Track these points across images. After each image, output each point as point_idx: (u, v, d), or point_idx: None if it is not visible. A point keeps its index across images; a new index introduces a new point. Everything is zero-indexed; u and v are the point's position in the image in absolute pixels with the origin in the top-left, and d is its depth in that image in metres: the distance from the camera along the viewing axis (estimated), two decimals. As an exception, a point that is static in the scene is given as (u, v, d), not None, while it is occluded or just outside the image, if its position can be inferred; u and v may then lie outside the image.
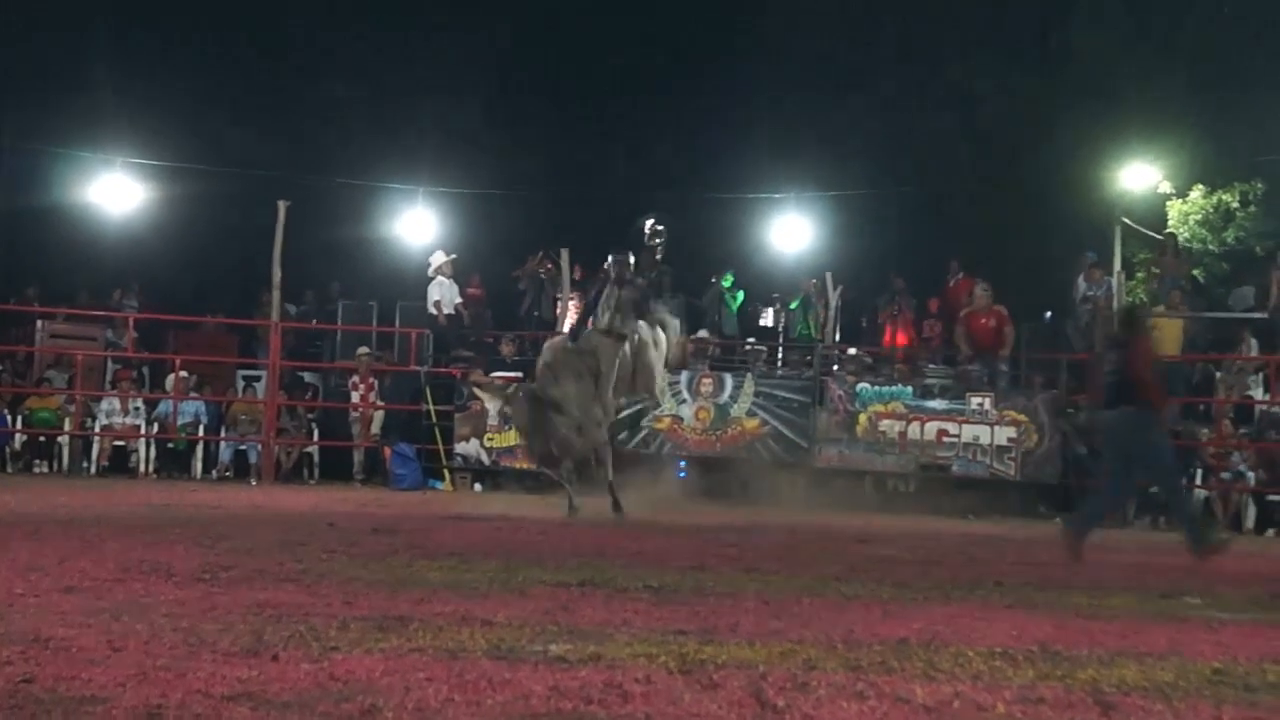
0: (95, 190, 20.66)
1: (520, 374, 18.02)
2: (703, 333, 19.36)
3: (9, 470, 17.61)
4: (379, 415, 18.70)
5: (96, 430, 18.40)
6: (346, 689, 4.37)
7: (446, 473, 17.90)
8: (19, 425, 18.24)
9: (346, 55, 23.89)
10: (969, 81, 22.77)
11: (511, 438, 17.64)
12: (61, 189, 21.03)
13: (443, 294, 19.26)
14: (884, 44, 23.38)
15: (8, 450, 18.09)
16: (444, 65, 23.40)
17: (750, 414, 17.29)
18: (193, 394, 18.72)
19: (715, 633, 5.84)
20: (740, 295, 20.85)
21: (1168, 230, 20.43)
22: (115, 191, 20.63)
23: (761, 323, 21.08)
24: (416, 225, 21.45)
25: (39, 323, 19.61)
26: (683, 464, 17.64)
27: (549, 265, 19.77)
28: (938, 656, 5.36)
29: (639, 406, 16.63)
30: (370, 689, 4.37)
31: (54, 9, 22.75)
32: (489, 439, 17.74)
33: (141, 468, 18.24)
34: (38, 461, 18.12)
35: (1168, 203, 21.01)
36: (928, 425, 16.91)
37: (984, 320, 18.03)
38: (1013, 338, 18.10)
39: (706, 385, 17.46)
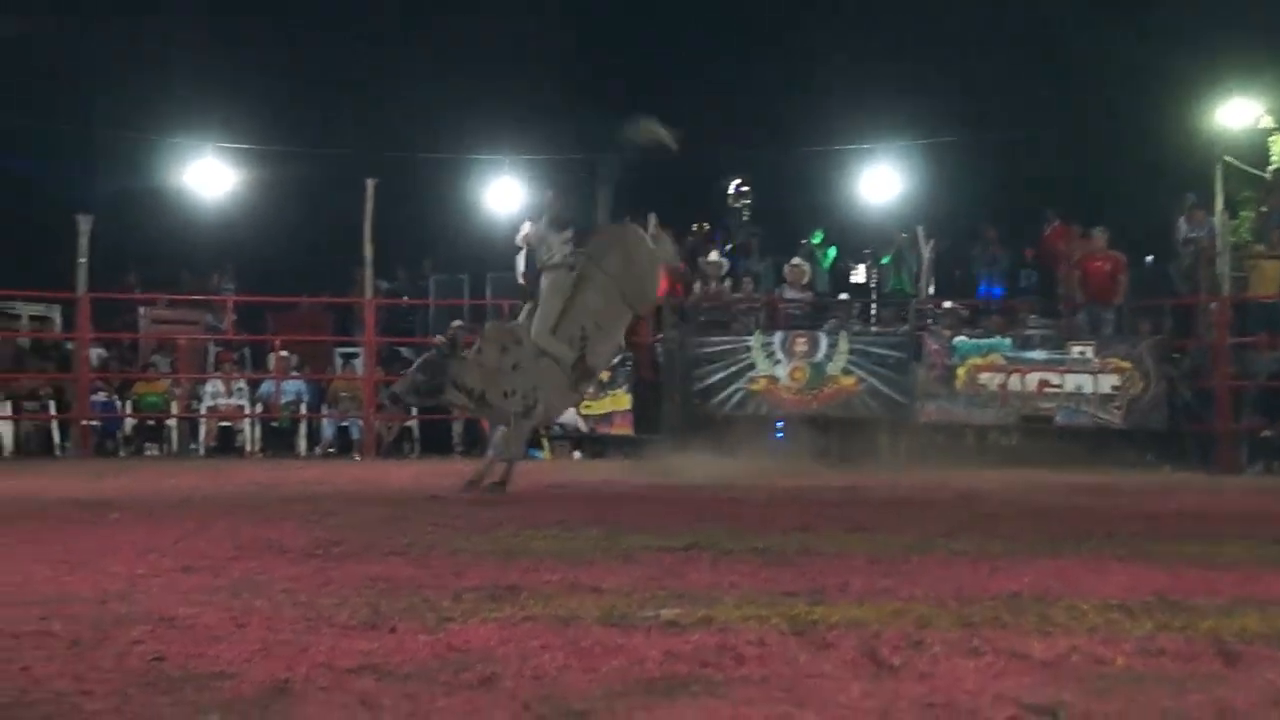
0: (189, 176, 20.99)
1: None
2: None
3: (121, 454, 17.98)
4: (476, 387, 18.78)
5: (202, 412, 18.72)
6: (465, 659, 4.43)
7: (545, 441, 18.00)
8: (128, 410, 18.60)
9: (426, 29, 23.98)
10: (1059, 19, 22.36)
11: (609, 405, 17.73)
12: (156, 176, 21.39)
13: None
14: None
15: (119, 435, 18.47)
16: (522, 31, 23.41)
17: (846, 371, 17.20)
18: (293, 373, 18.98)
19: (825, 593, 5.84)
20: (831, 251, 20.73)
21: (1273, 167, 19.99)
22: (208, 176, 20.94)
23: (853, 279, 20.94)
24: (504, 195, 21.54)
25: (141, 309, 19.98)
26: (780, 424, 17.60)
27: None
28: (1052, 610, 5.32)
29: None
30: (488, 658, 4.43)
31: (147, 5, 23.09)
32: (586, 407, 17.78)
33: (247, 447, 18.55)
34: (148, 445, 18.49)
35: (1270, 138, 20.55)
36: (1028, 376, 16.74)
37: (1099, 263, 17.81)
38: (1126, 285, 17.87)
39: (801, 344, 17.39)
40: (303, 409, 18.89)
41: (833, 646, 4.62)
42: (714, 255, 19.09)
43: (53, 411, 18.27)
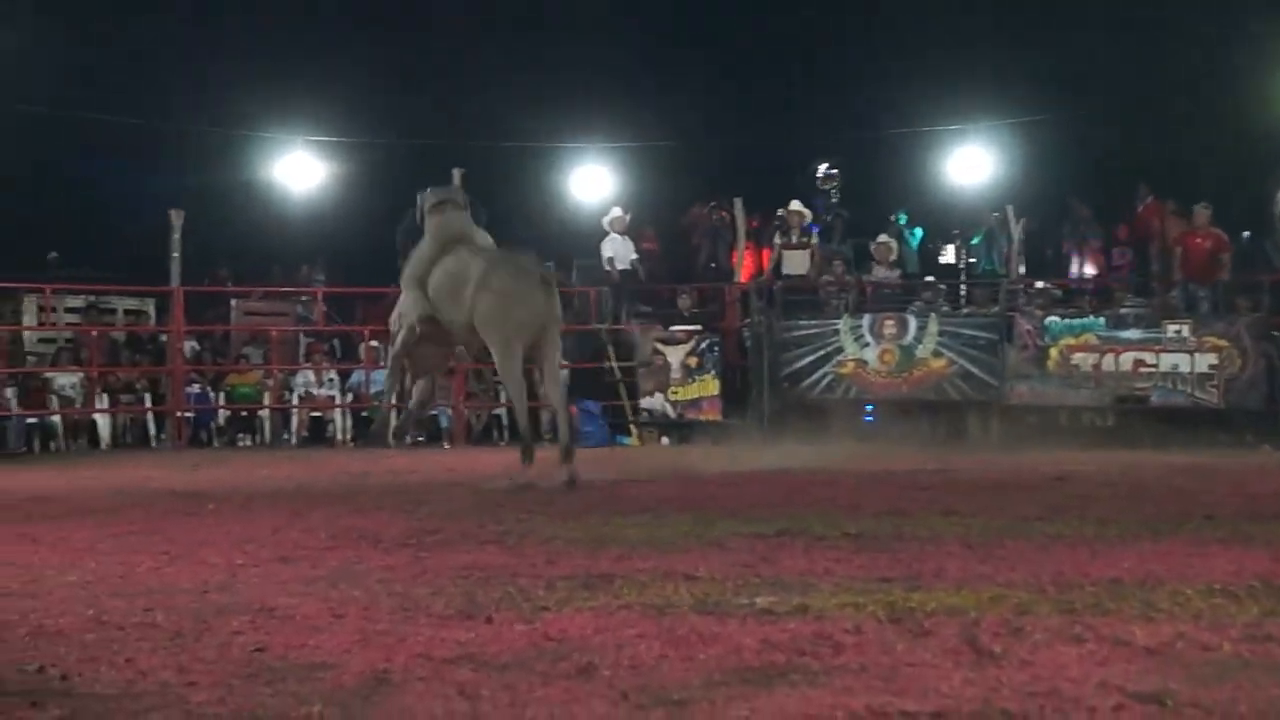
0: (279, 170, 21.22)
1: (699, 326, 18.13)
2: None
3: (215, 445, 18.20)
4: (563, 374, 18.83)
5: (294, 402, 18.90)
6: (561, 648, 4.45)
7: (633, 428, 18.02)
8: (221, 401, 18.84)
9: (508, 17, 24.05)
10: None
11: (696, 390, 17.72)
12: (247, 170, 21.65)
13: (616, 250, 19.33)
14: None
15: (212, 426, 18.70)
16: (604, 17, 23.41)
17: (936, 354, 17.05)
18: (383, 363, 19.10)
19: (920, 579, 5.81)
20: (918, 232, 20.55)
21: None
22: (298, 170, 21.15)
23: (942, 260, 20.74)
24: (589, 182, 21.57)
25: (233, 302, 20.21)
26: (869, 408, 17.50)
27: (722, 214, 19.69)
28: (1154, 595, 5.26)
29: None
30: (584, 647, 4.45)
31: (234, 3, 23.37)
32: (673, 392, 17.82)
33: (338, 436, 18.70)
34: (241, 435, 18.70)
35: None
36: (1123, 356, 16.50)
37: (1199, 241, 17.55)
38: (1228, 265, 17.59)
39: (889, 327, 17.26)
40: (392, 398, 18.99)
41: (931, 634, 4.59)
42: (884, 237, 18.93)
43: (148, 404, 18.53)
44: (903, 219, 20.07)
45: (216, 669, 4.24)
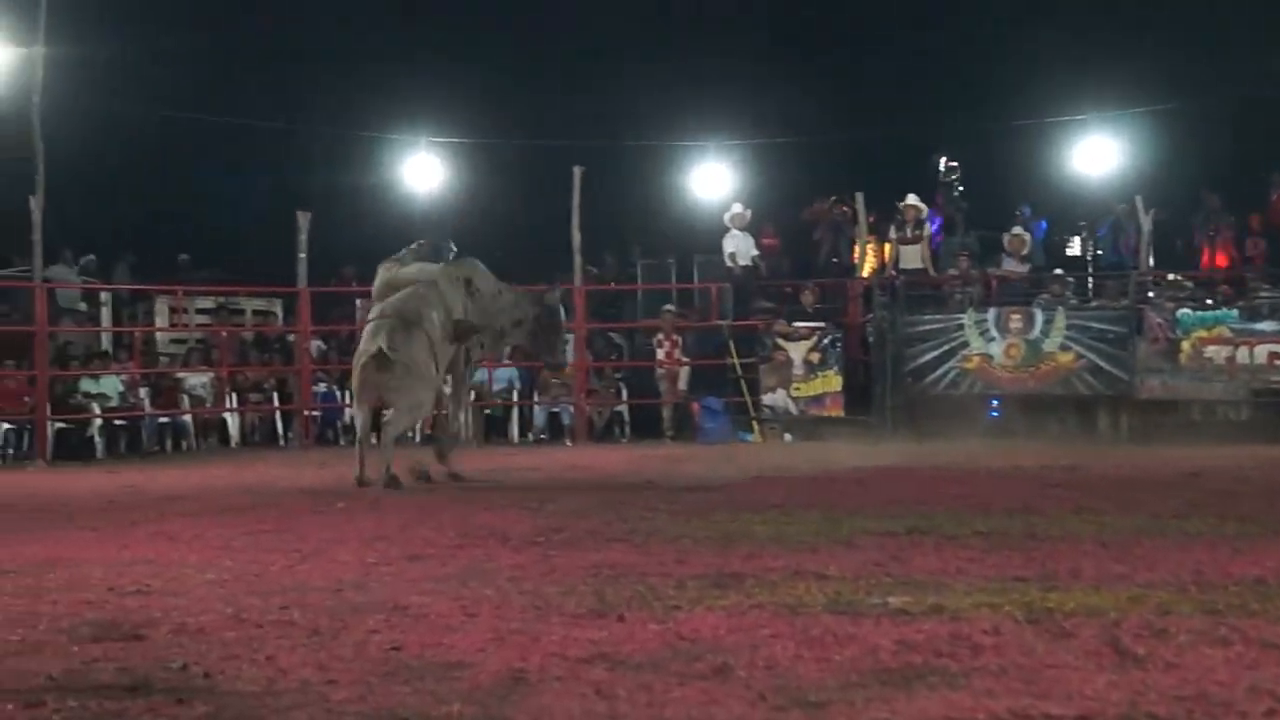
0: (404, 170, 21.47)
1: (821, 322, 18.02)
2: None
3: (341, 443, 18.40)
4: (685, 371, 18.90)
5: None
6: (695, 648, 4.43)
7: (755, 424, 17.95)
8: (348, 400, 19.05)
9: (627, 15, 24.07)
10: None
11: (819, 386, 17.62)
12: (372, 171, 21.92)
13: (737, 246, 19.29)
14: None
15: (339, 424, 18.92)
16: (723, 16, 23.37)
17: (1064, 347, 16.78)
18: (505, 361, 19.24)
19: (1056, 579, 5.72)
20: (1042, 224, 20.23)
21: None
22: (421, 170, 21.39)
23: (1069, 252, 20.43)
24: (709, 180, 21.55)
25: (358, 301, 20.42)
26: (995, 403, 17.28)
27: (844, 209, 19.57)
28: (1301, 596, 5.15)
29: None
30: (718, 647, 4.43)
31: (358, 6, 23.66)
32: (796, 388, 17.71)
33: (462, 434, 18.80)
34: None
35: None
36: (1257, 349, 16.13)
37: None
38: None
39: (1015, 321, 17.02)
40: (515, 395, 19.14)
41: (1071, 635, 4.51)
42: (1018, 229, 18.68)
43: (276, 402, 18.82)
44: (1027, 211, 19.77)
45: (355, 667, 4.28)
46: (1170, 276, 18.22)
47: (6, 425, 16.25)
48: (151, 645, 4.69)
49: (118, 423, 17.29)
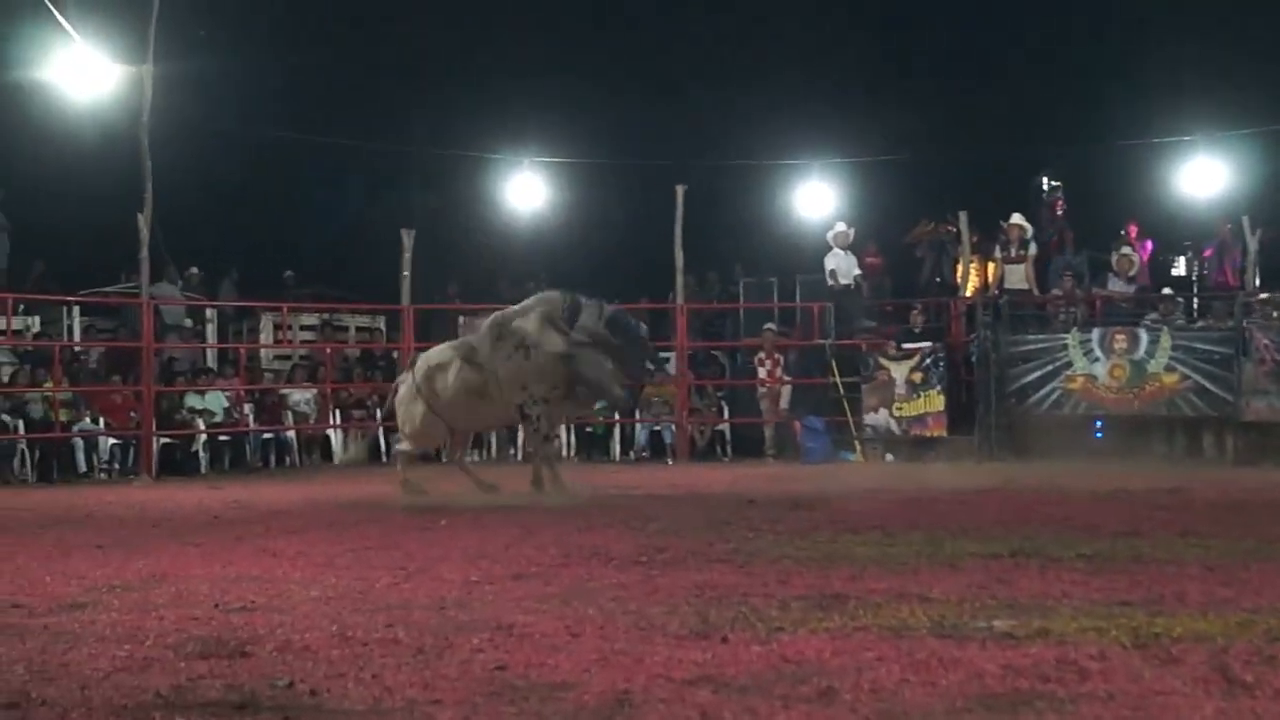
0: (507, 190, 21.67)
1: (926, 342, 17.91)
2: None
3: (443, 460, 18.49)
4: (787, 390, 18.86)
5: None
6: (799, 671, 4.42)
7: (857, 444, 17.85)
8: (450, 418, 19.19)
9: (728, 36, 24.11)
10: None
11: (922, 405, 17.51)
12: (475, 191, 22.11)
13: (839, 265, 19.22)
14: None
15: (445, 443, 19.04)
16: (826, 37, 23.31)
17: (1169, 368, 16.52)
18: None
19: (1162, 603, 5.64)
20: (1147, 245, 19.95)
21: None
22: (524, 190, 21.59)
23: (1174, 272, 20.13)
24: (813, 199, 21.51)
25: (461, 319, 20.59)
26: (1099, 424, 17.07)
27: (949, 228, 19.43)
28: None
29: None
30: (822, 670, 4.42)
31: (462, 27, 23.87)
32: (898, 408, 17.60)
33: (563, 452, 18.88)
34: (469, 450, 18.96)
35: None
36: (1370, 370, 15.81)
37: None
38: None
39: (1120, 341, 16.80)
40: (616, 414, 19.18)
41: (1179, 661, 4.45)
42: (1126, 249, 18.44)
43: (378, 419, 18.99)
44: (1132, 232, 19.50)
45: (460, 687, 4.31)
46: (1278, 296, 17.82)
47: (112, 440, 16.54)
48: (257, 662, 4.75)
49: (222, 438, 17.54)
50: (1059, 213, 18.95)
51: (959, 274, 19.03)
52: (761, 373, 19.00)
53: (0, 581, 6.80)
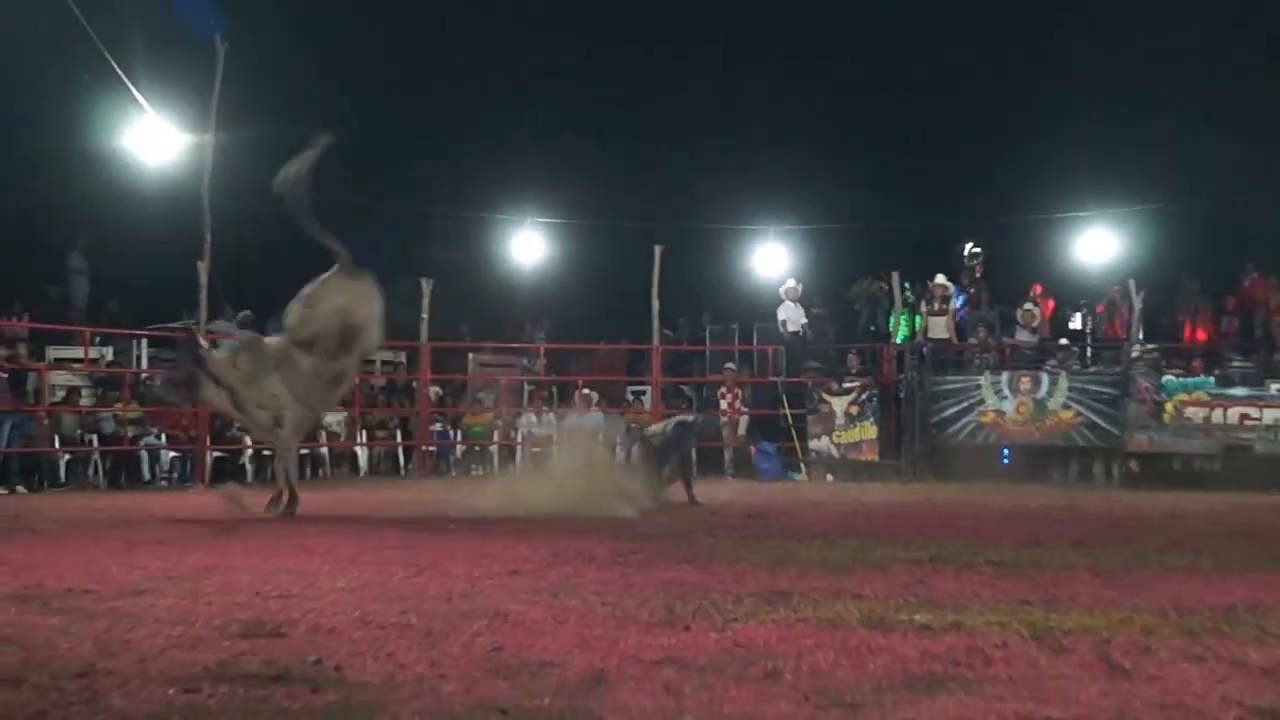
0: (511, 244, 21.72)
1: (860, 382, 17.95)
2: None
3: (452, 474, 18.48)
4: (744, 419, 18.88)
5: (519, 439, 19.16)
6: (749, 654, 4.42)
7: (803, 465, 17.86)
8: (459, 437, 19.19)
9: (700, 119, 24.19)
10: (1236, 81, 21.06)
11: (857, 434, 17.54)
12: (484, 245, 22.15)
13: (790, 315, 19.30)
14: (1181, 63, 21.76)
15: (451, 458, 19.04)
16: (782, 124, 23.41)
17: (1066, 406, 16.64)
18: (594, 407, 19.31)
19: (1057, 602, 5.64)
20: (1050, 303, 20.01)
21: None
22: (526, 245, 21.63)
23: (1071, 326, 20.22)
24: (769, 258, 21.64)
25: (470, 355, 20.64)
26: (1006, 452, 17.12)
27: (882, 285, 19.52)
28: (1266, 621, 5.05)
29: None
30: (769, 654, 4.41)
31: (476, 106, 23.99)
32: (838, 436, 17.66)
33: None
34: (474, 466, 18.97)
35: None
36: (1230, 410, 15.88)
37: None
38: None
39: (1025, 383, 16.90)
40: (600, 437, 19.15)
41: (1069, 650, 4.46)
42: (1029, 305, 18.51)
43: (399, 439, 18.95)
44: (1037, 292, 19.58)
45: (462, 664, 4.29)
46: (1151, 347, 17.92)
47: (172, 453, 16.47)
48: (291, 642, 4.72)
49: (265, 452, 17.45)
50: (978, 274, 19.01)
51: (891, 324, 19.09)
52: (723, 404, 19.02)
53: (75, 571, 6.75)
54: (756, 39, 24.69)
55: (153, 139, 16.89)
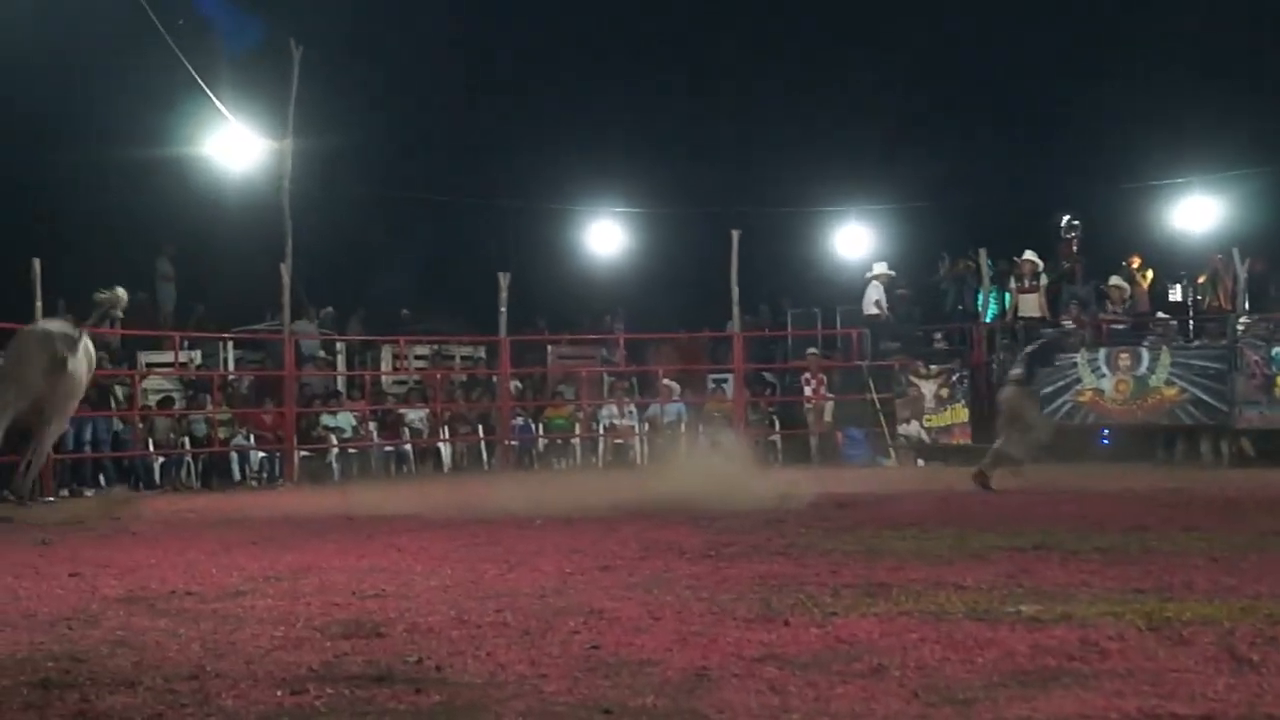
0: (588, 235, 21.77)
1: (955, 362, 17.76)
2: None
3: (534, 468, 18.55)
4: (829, 405, 18.76)
5: (600, 431, 19.21)
6: (853, 650, 4.38)
7: (892, 451, 17.71)
8: (540, 431, 19.27)
9: (778, 99, 24.04)
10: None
11: (948, 418, 17.35)
12: (561, 237, 22.24)
13: (875, 297, 19.13)
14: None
15: (533, 451, 19.11)
16: (864, 98, 23.18)
17: (1169, 383, 16.28)
18: (675, 397, 19.31)
19: (1171, 590, 5.54)
20: (1149, 274, 19.63)
21: None
22: (603, 235, 21.66)
23: (1171, 298, 19.81)
24: (850, 239, 21.48)
25: (549, 348, 20.73)
26: (1105, 432, 16.82)
27: (969, 264, 19.27)
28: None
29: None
30: (873, 650, 4.37)
31: (552, 97, 24.10)
32: (928, 420, 17.48)
33: (638, 460, 18.87)
34: (556, 459, 19.04)
35: None
36: (1348, 381, 15.46)
37: None
38: None
39: (1124, 359, 16.58)
40: (683, 427, 19.16)
41: (1189, 642, 4.36)
42: (1115, 280, 18.17)
43: (481, 433, 19.07)
44: (1135, 263, 19.20)
45: (561, 663, 4.30)
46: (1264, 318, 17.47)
47: (261, 453, 16.74)
48: (390, 642, 4.78)
49: (350, 451, 17.70)
50: (1074, 248, 18.68)
51: (980, 303, 18.85)
52: (807, 390, 18.93)
53: (175, 573, 6.88)
54: (833, 13, 24.45)
55: (234, 146, 17.22)
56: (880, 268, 19.12)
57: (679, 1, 24.72)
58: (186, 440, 16.37)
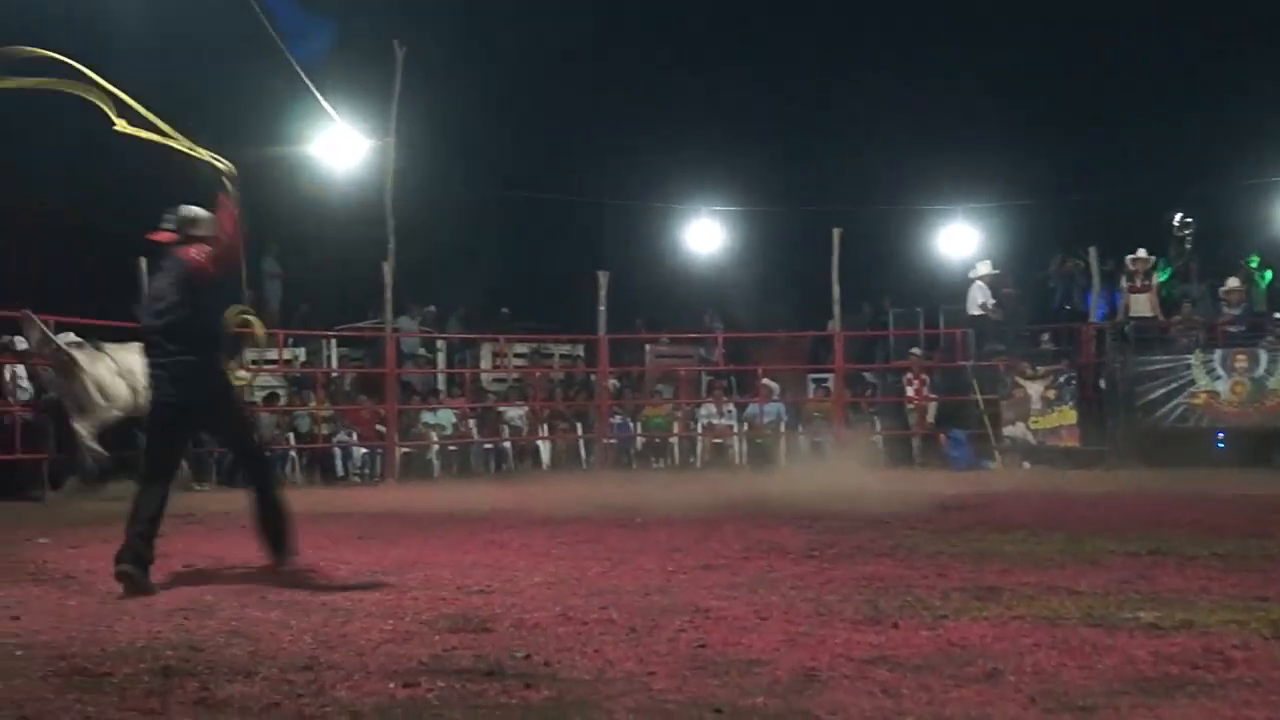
0: (687, 234, 21.79)
1: (1063, 362, 17.47)
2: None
3: (633, 467, 18.57)
4: (932, 406, 18.55)
5: (699, 431, 19.19)
6: (965, 654, 4.33)
7: (997, 453, 17.45)
8: (638, 430, 19.30)
9: (877, 98, 23.84)
10: None
11: (1055, 419, 17.06)
12: (660, 236, 22.25)
13: (980, 297, 18.84)
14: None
15: (631, 450, 19.15)
16: (969, 96, 22.89)
17: (1288, 385, 15.86)
18: (774, 397, 19.23)
19: (1295, 598, 5.38)
20: (1268, 274, 19.13)
21: None
22: (702, 234, 21.66)
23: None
24: (955, 239, 21.22)
25: (647, 346, 20.76)
26: (1220, 435, 16.42)
27: (1078, 263, 18.93)
28: None
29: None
30: (986, 654, 4.31)
31: (652, 98, 24.16)
32: (1034, 422, 17.19)
33: (736, 461, 18.83)
34: (654, 459, 19.05)
35: None
36: None
37: None
38: None
39: (1241, 361, 16.19)
40: (782, 427, 19.08)
41: (1318, 652, 4.24)
42: (1231, 281, 17.73)
43: (579, 431, 19.15)
44: (1254, 261, 18.72)
45: (669, 661, 4.30)
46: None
47: (363, 449, 16.97)
48: (497, 637, 4.82)
49: (451, 448, 17.88)
50: (1188, 246, 18.26)
51: (1089, 302, 18.52)
52: (909, 391, 18.74)
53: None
54: (935, 12, 24.22)
55: (339, 145, 17.45)
56: (984, 267, 18.81)
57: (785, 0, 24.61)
58: (291, 436, 16.68)
